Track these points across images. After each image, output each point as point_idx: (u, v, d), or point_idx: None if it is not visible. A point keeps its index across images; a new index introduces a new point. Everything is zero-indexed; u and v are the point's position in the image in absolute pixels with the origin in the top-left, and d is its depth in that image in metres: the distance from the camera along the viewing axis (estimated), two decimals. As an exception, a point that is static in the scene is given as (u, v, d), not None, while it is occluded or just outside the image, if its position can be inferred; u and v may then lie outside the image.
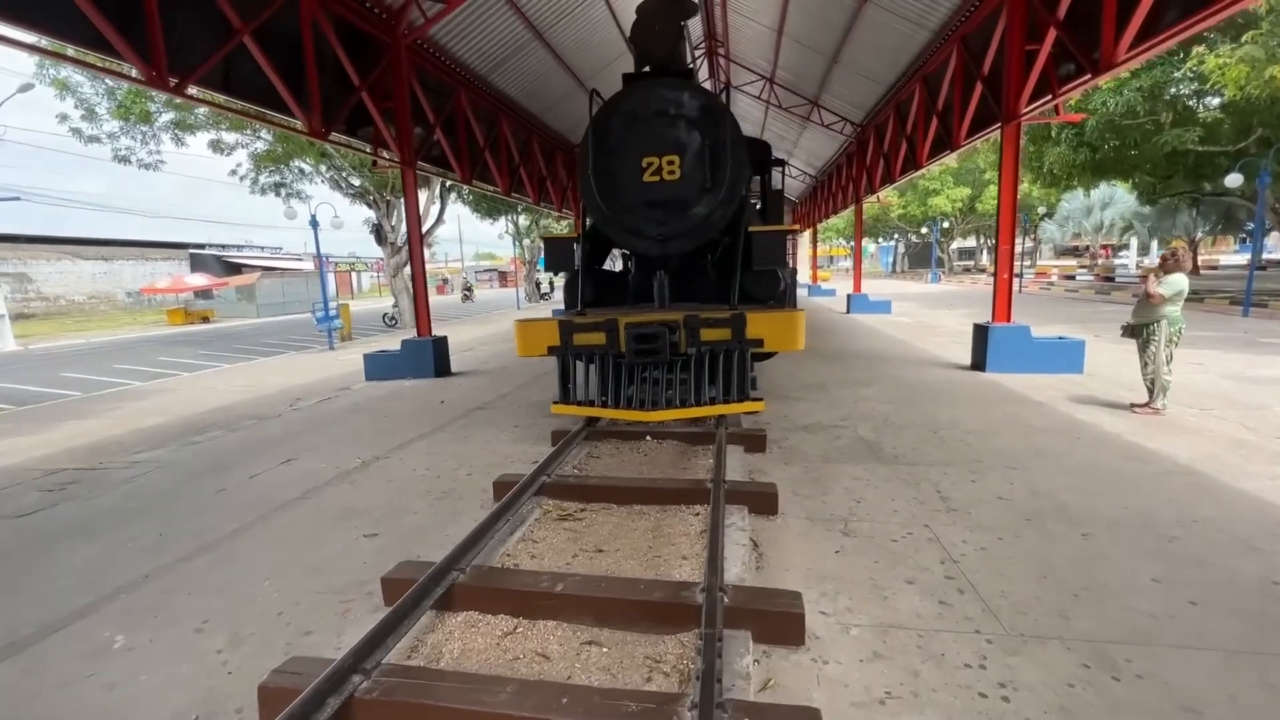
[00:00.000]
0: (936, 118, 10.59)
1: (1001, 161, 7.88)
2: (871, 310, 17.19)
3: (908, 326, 13.65)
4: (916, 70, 11.47)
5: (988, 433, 5.21)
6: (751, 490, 3.58)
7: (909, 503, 3.75)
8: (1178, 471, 4.19)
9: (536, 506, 3.68)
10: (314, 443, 5.88)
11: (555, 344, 5.10)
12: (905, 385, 7.23)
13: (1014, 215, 7.90)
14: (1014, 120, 7.71)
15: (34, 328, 28.99)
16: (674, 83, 5.45)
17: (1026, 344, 7.90)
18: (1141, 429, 5.22)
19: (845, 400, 6.53)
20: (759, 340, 4.83)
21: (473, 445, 5.43)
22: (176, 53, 5.68)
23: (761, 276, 5.91)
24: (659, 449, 4.84)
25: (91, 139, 17.38)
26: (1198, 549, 3.09)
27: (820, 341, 11.30)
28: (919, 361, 8.90)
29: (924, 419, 5.69)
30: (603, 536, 3.32)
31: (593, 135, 5.54)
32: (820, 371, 8.25)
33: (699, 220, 5.50)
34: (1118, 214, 34.29)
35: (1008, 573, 2.88)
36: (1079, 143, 16.74)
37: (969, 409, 6.02)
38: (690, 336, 4.89)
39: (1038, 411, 5.86)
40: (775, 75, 17.21)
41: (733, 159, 5.34)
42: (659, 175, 5.47)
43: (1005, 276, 8.05)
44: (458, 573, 2.62)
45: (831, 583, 2.83)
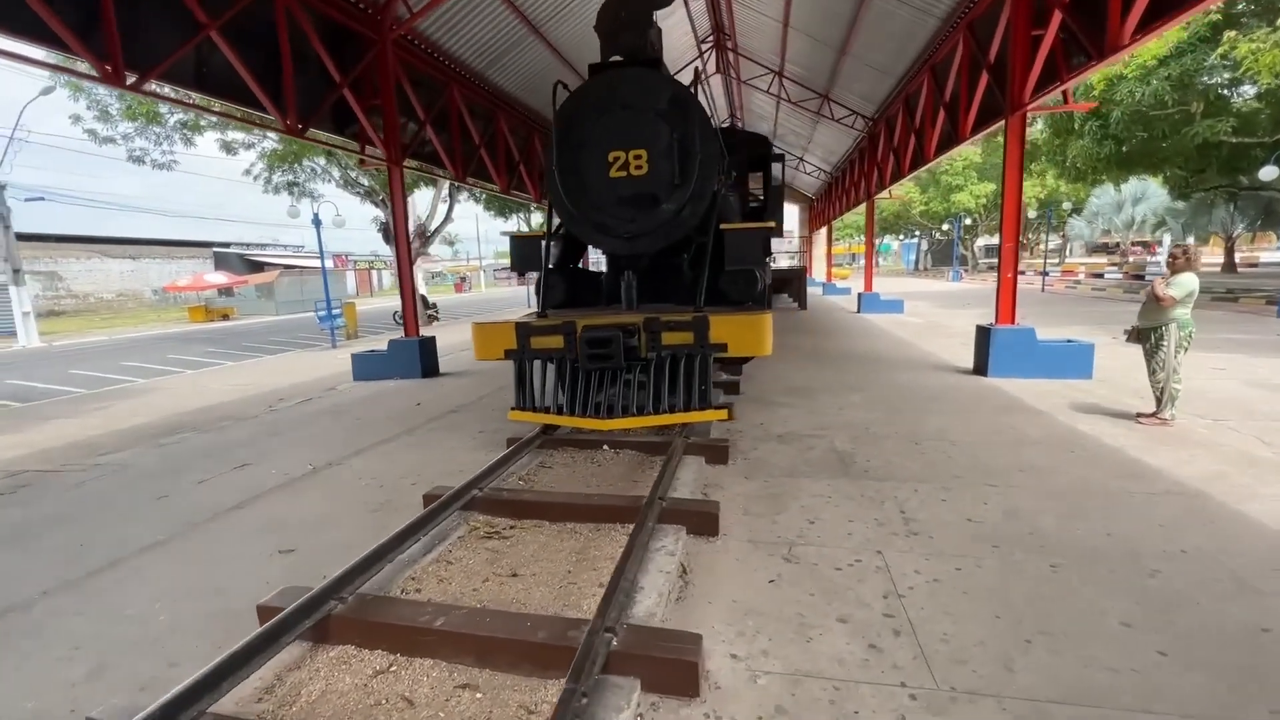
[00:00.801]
0: (943, 110, 10.13)
1: (1006, 154, 7.44)
2: (882, 310, 16.68)
3: (917, 327, 13.17)
4: (925, 60, 11.00)
5: (974, 444, 4.85)
6: (691, 510, 3.30)
7: (867, 524, 3.44)
8: (1176, 492, 3.80)
9: (464, 523, 3.46)
10: (277, 446, 5.75)
11: (512, 347, 4.88)
12: (897, 391, 6.86)
13: (1019, 212, 7.45)
14: (1019, 110, 7.27)
15: (62, 324, 29.82)
16: (639, 73, 5.18)
17: (1031, 347, 7.45)
18: (1145, 442, 4.81)
19: (829, 407, 6.19)
20: (722, 345, 4.54)
21: (431, 452, 5.24)
22: (139, 49, 5.58)
23: (738, 277, 5.60)
24: (615, 460, 4.59)
25: (106, 140, 17.74)
26: (1182, 586, 2.74)
27: (821, 342, 10.92)
28: (919, 365, 8.49)
29: (908, 428, 5.34)
30: (524, 558, 3.08)
31: (557, 129, 5.30)
32: (812, 374, 7.91)
33: (668, 217, 5.23)
34: (1150, 210, 32.95)
35: (956, 611, 2.57)
36: (1103, 135, 16.01)
37: (959, 417, 5.65)
38: (651, 340, 4.63)
39: (1034, 421, 5.47)
40: (784, 69, 16.79)
41: (702, 152, 5.05)
42: (626, 171, 5.21)
43: (1009, 276, 7.62)
44: (336, 602, 2.41)
45: (756, 619, 2.55)
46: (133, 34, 5.55)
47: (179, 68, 6.18)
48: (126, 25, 5.44)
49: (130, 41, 5.45)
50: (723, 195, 5.90)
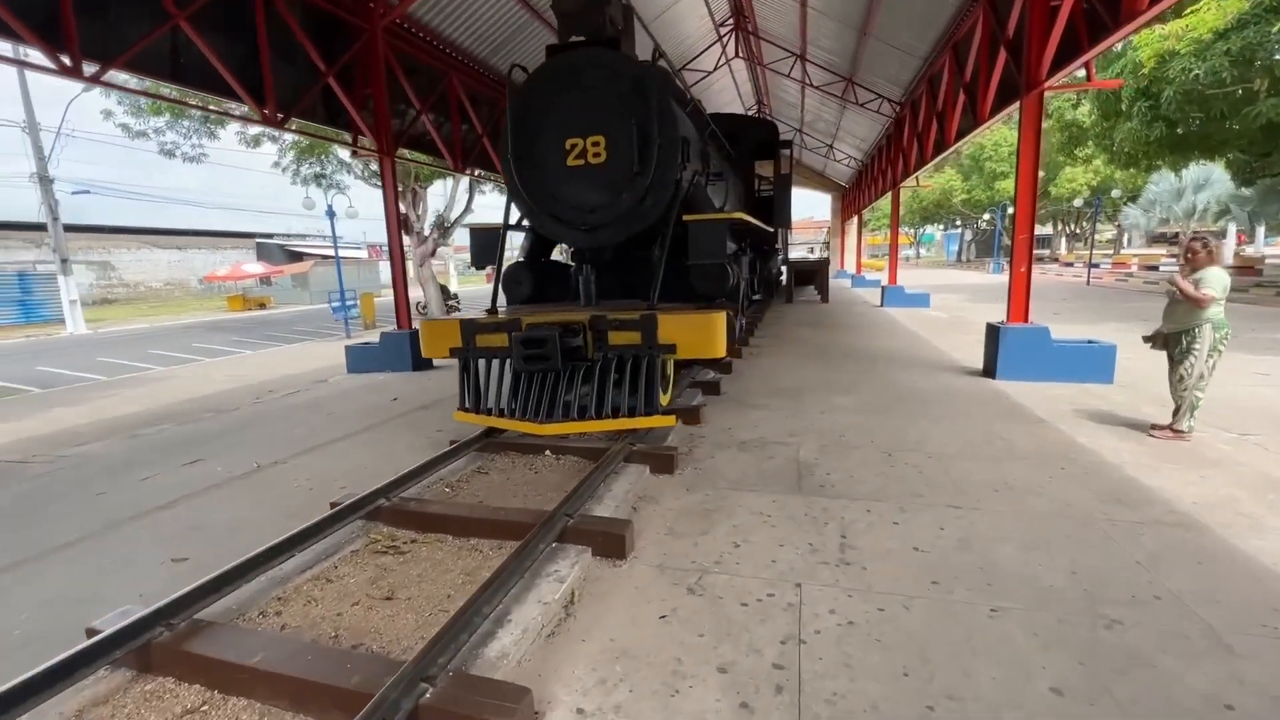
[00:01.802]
0: (963, 91, 9.44)
1: (1020, 138, 6.82)
2: (906, 304, 15.93)
3: (939, 323, 12.49)
4: (948, 40, 10.29)
5: (953, 457, 4.41)
6: (598, 529, 3.02)
7: (798, 550, 3.09)
8: (1168, 521, 3.33)
9: (365, 534, 3.27)
10: (240, 441, 5.70)
11: (457, 345, 4.67)
12: (892, 393, 6.40)
13: (1033, 201, 6.84)
14: (1036, 89, 6.64)
15: (112, 312, 31.24)
16: (597, 54, 4.86)
17: (1045, 348, 6.86)
18: (1151, 459, 4.29)
19: (811, 410, 5.79)
20: (671, 346, 4.23)
21: (380, 451, 5.09)
22: (109, 40, 5.55)
23: (708, 272, 5.27)
24: (555, 466, 4.33)
25: (139, 134, 18.30)
26: (1142, 641, 2.33)
27: (830, 338, 10.41)
28: (926, 364, 7.96)
29: (887, 436, 4.92)
30: (409, 578, 2.86)
31: (511, 115, 5.04)
32: (807, 373, 7.48)
33: (628, 208, 4.92)
34: (1213, 197, 30.66)
35: (859, 664, 2.23)
36: (1153, 117, 14.81)
37: (949, 425, 5.19)
38: (598, 340, 4.35)
39: (1030, 431, 4.98)
40: (806, 52, 16.09)
41: (662, 138, 4.71)
42: (584, 159, 4.92)
43: (1022, 270, 7.02)
44: (164, 628, 2.23)
45: (626, 664, 2.26)
46: (99, 24, 5.51)
47: (152, 60, 6.15)
48: (91, 15, 5.41)
49: (93, 32, 5.41)
50: (696, 184, 5.55)
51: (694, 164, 5.56)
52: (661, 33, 15.02)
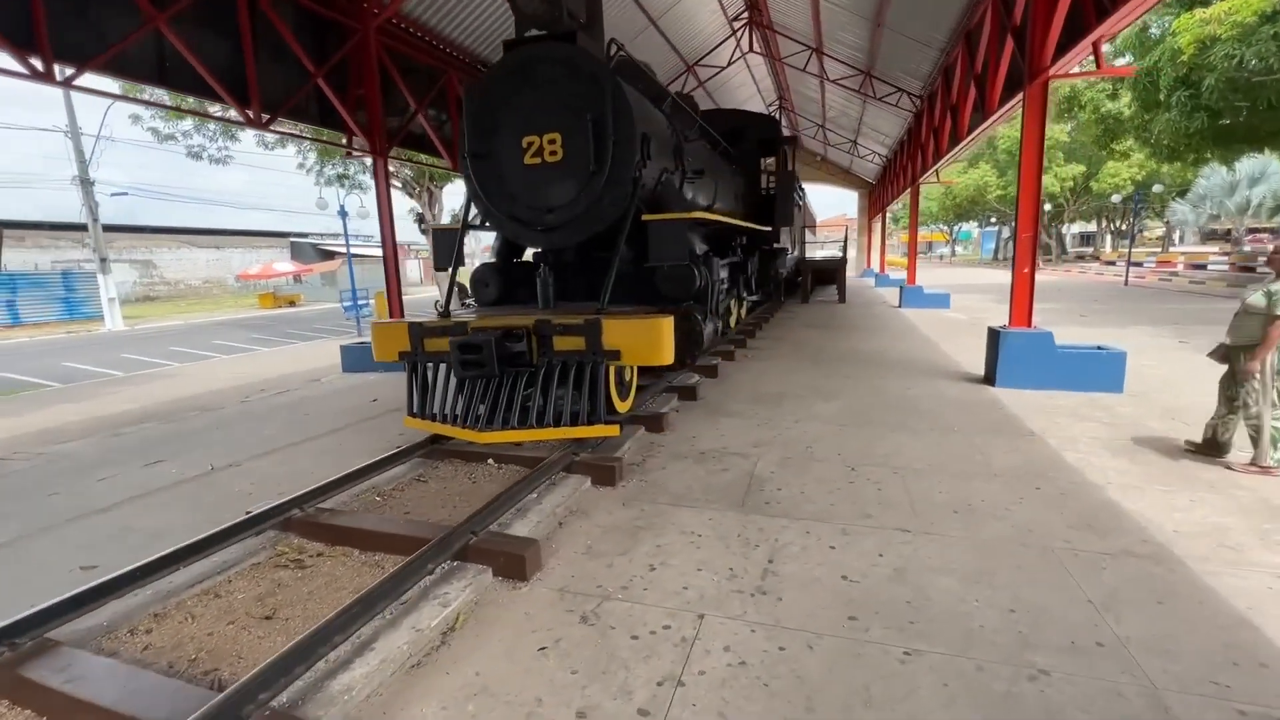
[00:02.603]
0: (974, 82, 8.98)
1: (1024, 130, 6.40)
2: (925, 304, 15.36)
3: (955, 325, 11.97)
4: (961, 29, 9.82)
5: (921, 472, 4.11)
6: (499, 549, 2.86)
7: (715, 575, 2.88)
8: (1139, 552, 3.00)
9: (271, 546, 3.17)
10: (209, 442, 5.72)
11: (406, 349, 4.57)
12: (880, 400, 6.08)
13: (1037, 197, 6.42)
14: (1040, 76, 6.22)
15: (151, 309, 32.47)
16: (551, 48, 4.69)
17: (1048, 354, 6.44)
18: (1141, 479, 3.93)
19: (785, 418, 5.53)
20: (615, 352, 4.04)
21: (335, 456, 5.02)
22: (79, 44, 5.61)
23: (673, 273, 5.07)
24: (495, 476, 4.19)
25: (168, 137, 18.92)
26: (1065, 698, 2.06)
27: (834, 341, 10.05)
28: (926, 369, 7.58)
29: (857, 449, 4.64)
30: (299, 596, 2.75)
31: (467, 113, 4.91)
32: (796, 378, 7.19)
33: (586, 207, 4.75)
34: (1269, 191, 28.81)
35: (735, 713, 2.02)
36: (1194, 107, 13.94)
37: (928, 437, 4.88)
38: (543, 345, 4.19)
39: (1014, 446, 4.63)
40: (822, 45, 15.64)
41: (617, 134, 4.52)
42: (540, 157, 4.76)
43: (1025, 271, 6.60)
44: (6, 649, 2.15)
45: (482, 703, 2.09)
46: (75, 27, 5.59)
47: (134, 63, 6.22)
48: (66, 17, 5.48)
49: (68, 35, 5.48)
50: (665, 182, 5.35)
51: (661, 161, 5.36)
52: (672, 29, 14.79)
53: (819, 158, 32.06)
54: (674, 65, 16.62)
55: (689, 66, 17.05)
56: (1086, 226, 57.11)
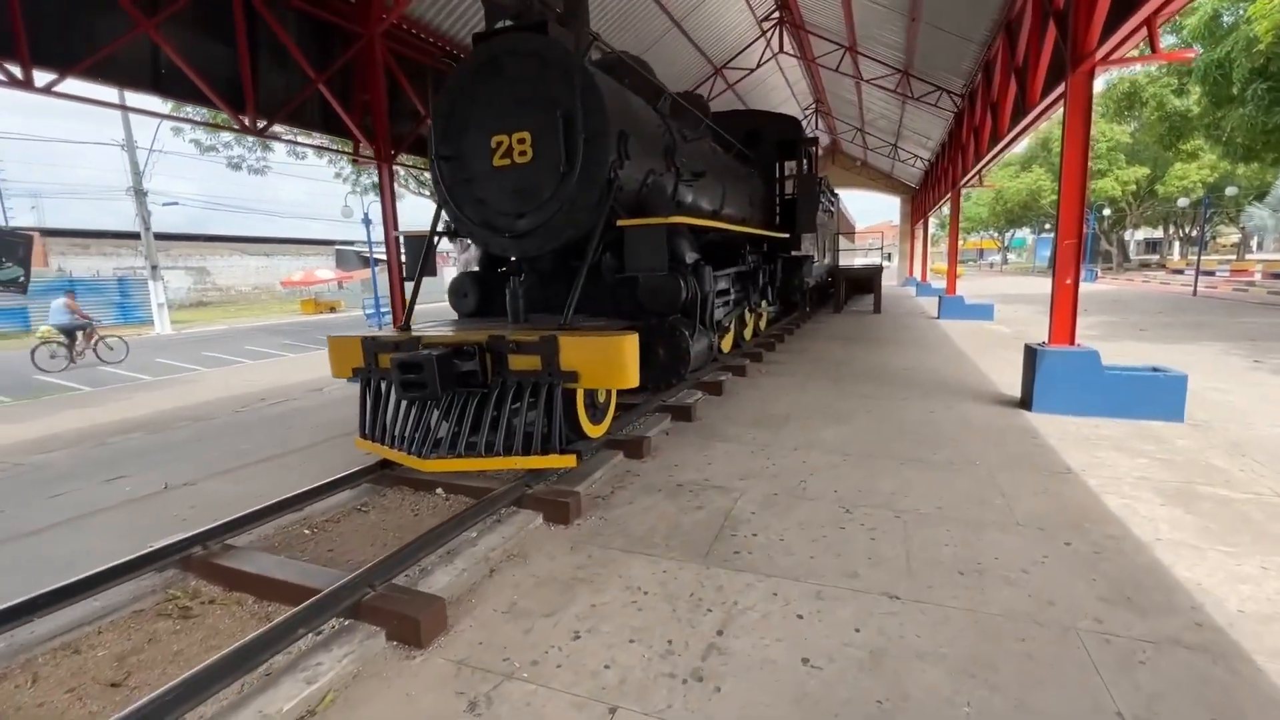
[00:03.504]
0: (1014, 76, 8.23)
1: (1066, 126, 5.69)
2: (965, 315, 14.38)
3: (996, 338, 11.07)
4: (1002, 19, 9.07)
5: (927, 518, 3.52)
6: (392, 609, 2.44)
7: (649, 651, 2.39)
8: (1190, 641, 2.37)
9: (162, 589, 2.84)
10: (182, 456, 5.54)
11: (360, 365, 4.24)
12: (895, 425, 5.45)
13: (1081, 200, 5.69)
14: (1085, 63, 5.51)
15: (201, 314, 33.80)
16: (520, 39, 4.31)
17: (1093, 376, 5.68)
18: (1199, 535, 3.25)
19: (784, 445, 4.98)
20: (573, 374, 3.60)
21: (296, 475, 4.72)
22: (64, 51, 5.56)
23: (655, 284, 4.62)
24: (441, 508, 3.79)
25: (208, 149, 19.57)
26: None
27: (860, 355, 9.36)
28: (954, 389, 6.87)
29: (857, 485, 4.06)
30: (165, 656, 2.39)
31: (436, 113, 4.58)
32: (807, 397, 6.60)
33: (556, 211, 4.34)
34: (1364, 194, 26.33)
35: None
36: (1272, 100, 12.65)
37: (941, 472, 4.25)
38: (498, 364, 3.79)
39: (1045, 486, 3.97)
40: (856, 44, 14.93)
41: (587, 130, 4.11)
42: (510, 158, 4.39)
43: (1067, 282, 5.86)
44: None
45: (305, 826, 1.67)
46: (60, 33, 5.53)
47: (125, 69, 6.17)
48: (51, 23, 5.43)
49: (51, 41, 5.43)
50: (652, 185, 4.90)
51: (647, 161, 4.92)
52: (698, 31, 14.38)
53: (858, 162, 31.05)
54: (701, 69, 16.18)
55: (717, 69, 16.58)
56: (1152, 232, 53.78)
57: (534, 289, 5.12)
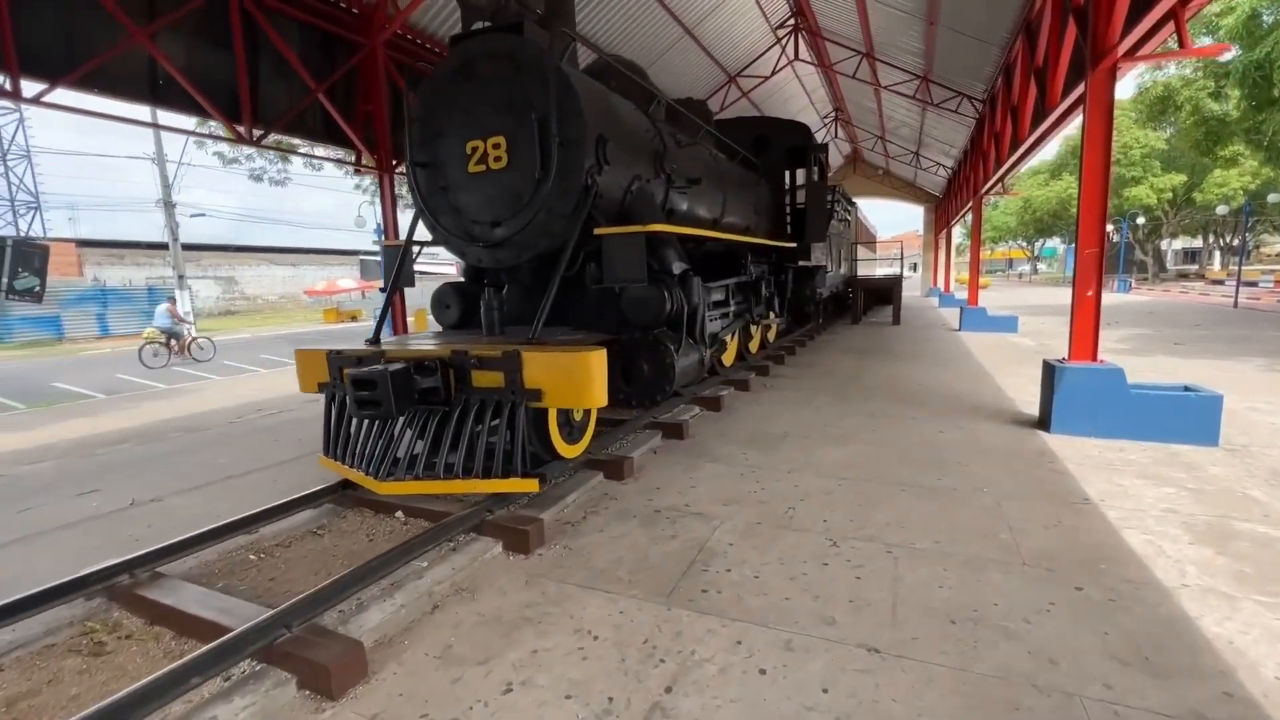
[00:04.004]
0: (1034, 77, 7.84)
1: (1085, 127, 5.32)
2: (988, 327, 13.83)
3: (1018, 352, 10.56)
4: (1022, 19, 8.69)
5: (923, 555, 3.20)
6: (303, 655, 2.21)
7: (586, 709, 2.12)
8: (1220, 717, 2.02)
9: (80, 620, 2.66)
10: (163, 468, 5.44)
11: (325, 380, 4.07)
12: (899, 447, 5.10)
13: (1102, 206, 5.30)
14: (1106, 60, 5.15)
15: (229, 322, 34.55)
16: (494, 40, 4.14)
17: (1118, 395, 5.27)
18: (1234, 582, 2.87)
19: (777, 467, 4.67)
20: (537, 392, 3.37)
21: (266, 492, 4.56)
22: (57, 60, 5.56)
23: (639, 296, 4.38)
24: (398, 532, 3.57)
25: (231, 161, 19.97)
26: None
27: (871, 368, 8.98)
28: (969, 408, 6.47)
29: (848, 515, 3.74)
30: (59, 700, 2.20)
31: (411, 118, 4.43)
32: (809, 414, 6.27)
33: (531, 219, 4.14)
34: None
35: None
36: (1317, 102, 11.98)
37: (944, 501, 3.91)
38: (460, 380, 3.58)
39: (1059, 518, 3.61)
40: (873, 49, 14.59)
41: (561, 133, 3.91)
42: (485, 164, 4.21)
43: (1088, 295, 5.47)
44: None
45: None
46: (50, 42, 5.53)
47: (120, 80, 6.17)
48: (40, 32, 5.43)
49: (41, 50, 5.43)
50: (637, 192, 4.68)
51: (633, 167, 4.70)
52: (710, 39, 14.19)
53: (880, 171, 30.51)
54: (714, 77, 15.98)
55: (731, 78, 16.37)
56: (1190, 241, 51.92)
57: (517, 300, 4.92)
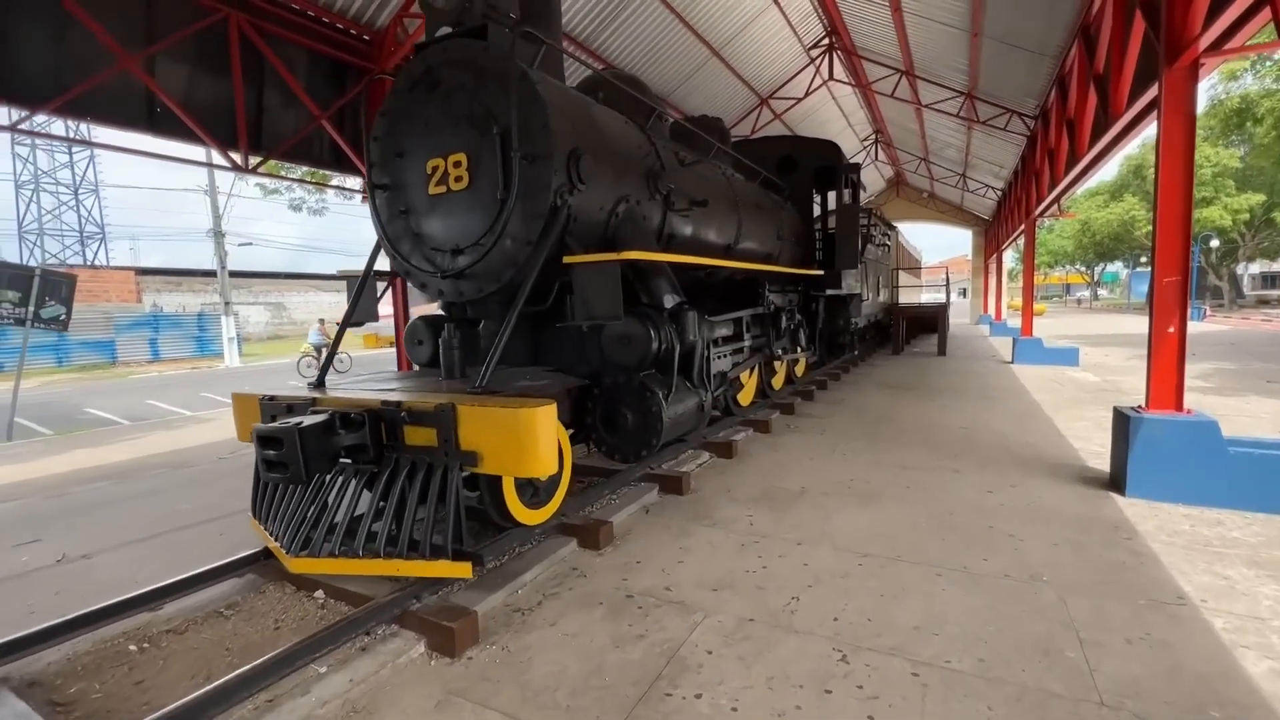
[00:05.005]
0: (1094, 85, 7.00)
1: (1161, 133, 4.50)
2: (1044, 360, 12.64)
3: (1081, 390, 9.45)
4: (1078, 24, 7.89)
5: (960, 678, 2.42)
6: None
7: None
8: None
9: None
10: (118, 514, 5.06)
11: (259, 428, 3.57)
12: (938, 511, 4.28)
13: (1184, 226, 4.45)
14: (1185, 55, 4.35)
15: (272, 347, 35.53)
16: (455, 46, 3.67)
17: (1211, 453, 4.34)
18: None
19: (787, 538, 3.92)
20: (473, 455, 2.78)
21: (194, 555, 4.08)
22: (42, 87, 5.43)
23: (627, 335, 3.79)
24: (313, 618, 2.99)
25: (272, 192, 20.52)
26: None
27: (910, 409, 8.08)
28: (1024, 459, 5.56)
29: (865, 616, 2.98)
30: None
31: (373, 136, 3.99)
32: (832, 465, 5.48)
33: (493, 246, 3.61)
34: None
35: None
36: None
37: (991, 592, 3.10)
38: (391, 436, 3.03)
39: (1146, 626, 2.77)
40: (913, 67, 13.86)
41: (522, 150, 3.37)
42: (445, 185, 3.71)
43: (1170, 331, 4.57)
44: None
45: None
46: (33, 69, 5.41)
47: (118, 105, 6.04)
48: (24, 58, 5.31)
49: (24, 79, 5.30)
50: (626, 214, 4.11)
51: (618, 187, 4.13)
52: (739, 60, 13.74)
53: (925, 194, 29.39)
54: (745, 100, 15.50)
55: (763, 100, 15.86)
56: (1269, 265, 48.29)
57: (492, 337, 4.37)
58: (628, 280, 4.07)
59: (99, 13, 5.58)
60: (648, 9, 10.71)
